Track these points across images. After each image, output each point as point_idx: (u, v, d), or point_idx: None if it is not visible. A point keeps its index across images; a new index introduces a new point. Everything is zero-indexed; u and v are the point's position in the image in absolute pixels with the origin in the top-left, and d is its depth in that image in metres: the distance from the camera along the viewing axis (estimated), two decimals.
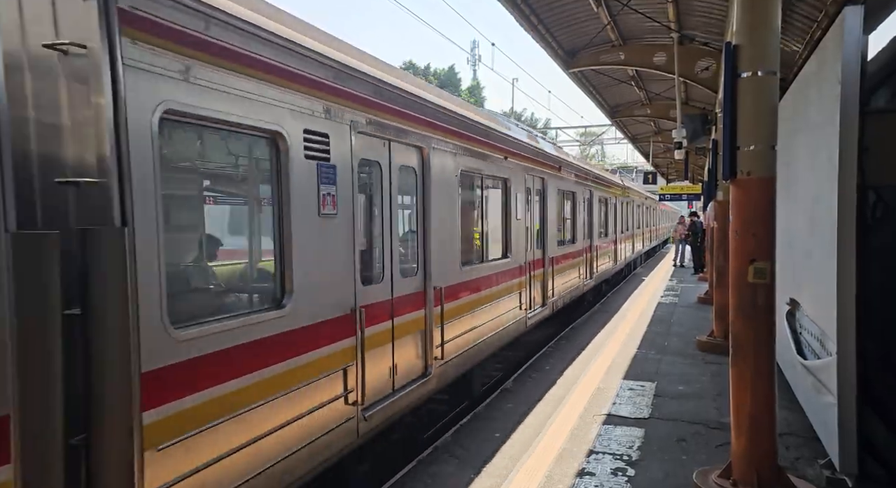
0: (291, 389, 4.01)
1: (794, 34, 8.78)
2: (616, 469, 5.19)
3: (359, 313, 4.78)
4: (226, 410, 3.45)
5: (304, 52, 4.16)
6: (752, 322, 4.55)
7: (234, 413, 3.51)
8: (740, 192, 4.62)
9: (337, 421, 4.51)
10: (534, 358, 9.59)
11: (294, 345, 4.07)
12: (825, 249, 4.79)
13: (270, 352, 3.84)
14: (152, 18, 3.05)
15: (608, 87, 15.89)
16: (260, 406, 3.72)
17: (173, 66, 3.17)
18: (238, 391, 3.55)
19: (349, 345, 4.68)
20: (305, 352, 4.18)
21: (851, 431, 4.53)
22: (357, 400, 4.73)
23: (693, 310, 13.99)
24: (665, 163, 31.58)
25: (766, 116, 4.50)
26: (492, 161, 7.92)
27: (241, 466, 3.56)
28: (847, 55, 4.45)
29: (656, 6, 10.01)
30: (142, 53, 2.99)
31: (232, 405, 3.50)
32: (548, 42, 11.60)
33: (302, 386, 4.12)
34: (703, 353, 9.51)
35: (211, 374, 3.36)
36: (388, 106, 5.29)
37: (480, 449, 5.74)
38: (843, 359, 4.50)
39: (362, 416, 4.81)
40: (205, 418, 3.30)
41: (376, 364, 5.14)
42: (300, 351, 4.13)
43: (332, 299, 4.52)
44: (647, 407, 6.80)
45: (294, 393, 4.04)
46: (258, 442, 3.70)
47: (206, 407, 3.32)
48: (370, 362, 4.98)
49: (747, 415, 4.55)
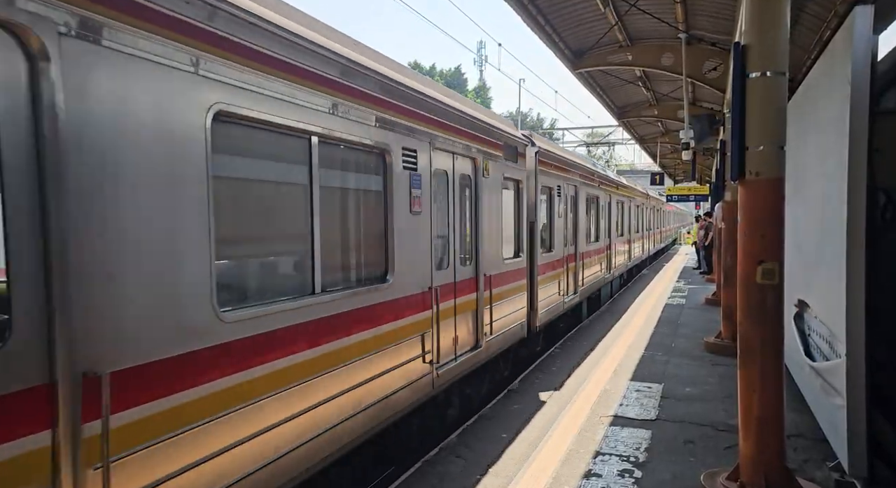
0: (392, 345, 5.21)
1: (803, 34, 8.73)
2: (623, 470, 5.17)
3: (434, 291, 6.02)
4: (363, 352, 4.78)
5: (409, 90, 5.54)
6: (761, 323, 4.53)
7: (364, 355, 4.78)
8: (749, 193, 4.60)
9: (421, 374, 5.81)
10: (540, 358, 9.57)
11: (394, 311, 5.27)
12: (834, 250, 4.77)
13: (381, 316, 5.07)
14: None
15: (615, 88, 15.85)
16: (375, 354, 4.94)
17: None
18: (363, 341, 4.80)
19: (428, 315, 5.92)
20: (402, 317, 5.43)
21: (861, 433, 4.50)
22: (433, 360, 6.00)
23: (700, 311, 13.93)
24: (672, 164, 31.47)
25: (775, 117, 4.48)
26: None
27: (368, 395, 4.85)
28: (857, 55, 4.42)
29: (664, 6, 9.98)
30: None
31: (361, 351, 4.75)
32: (555, 42, 11.58)
33: (401, 343, 5.36)
34: (711, 355, 9.47)
35: (349, 327, 4.61)
36: (454, 126, 6.57)
37: (487, 449, 5.74)
38: (852, 360, 4.47)
39: (436, 372, 6.08)
40: (352, 355, 4.63)
41: (445, 333, 6.35)
42: (398, 316, 5.35)
43: (418, 278, 5.75)
44: (655, 409, 6.78)
45: (394, 348, 5.26)
46: (381, 378, 5.01)
47: (352, 348, 4.63)
48: (442, 331, 6.22)
49: (755, 417, 4.53)
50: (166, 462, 3.00)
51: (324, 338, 4.32)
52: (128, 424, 2.80)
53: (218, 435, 3.33)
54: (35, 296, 2.45)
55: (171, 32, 3.06)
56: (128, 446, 2.80)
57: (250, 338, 3.60)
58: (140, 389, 2.87)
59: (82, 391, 2.59)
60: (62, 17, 2.55)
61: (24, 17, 2.42)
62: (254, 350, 3.63)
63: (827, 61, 5.49)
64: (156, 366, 2.96)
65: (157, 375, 2.97)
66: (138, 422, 2.85)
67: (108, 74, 2.76)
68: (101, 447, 2.63)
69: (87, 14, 2.66)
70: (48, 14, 2.50)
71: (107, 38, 2.74)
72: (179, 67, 3.12)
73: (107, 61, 2.75)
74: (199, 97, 3.25)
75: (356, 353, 4.71)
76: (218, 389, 3.34)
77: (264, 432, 3.68)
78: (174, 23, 3.07)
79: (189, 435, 3.13)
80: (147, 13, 2.93)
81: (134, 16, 2.86)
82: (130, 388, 2.82)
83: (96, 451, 2.63)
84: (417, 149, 5.68)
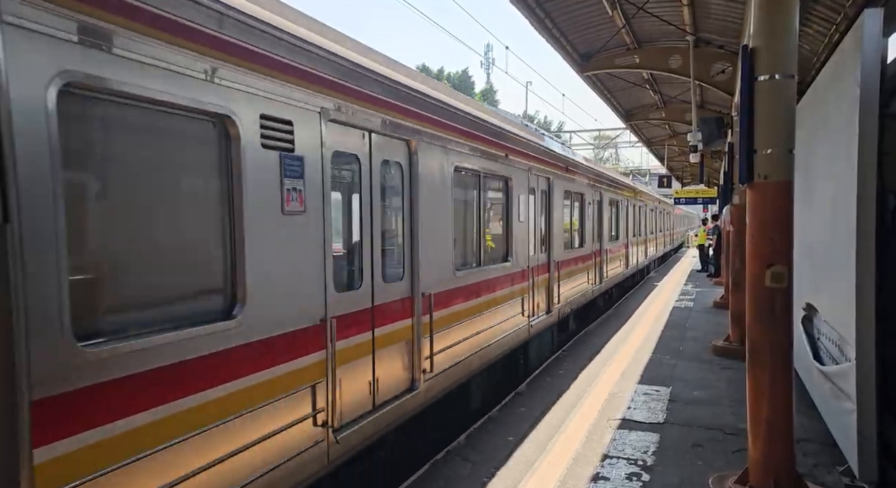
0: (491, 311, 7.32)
1: (812, 37, 8.70)
2: (631, 474, 5.16)
3: (530, 272, 8.84)
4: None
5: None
6: (769, 327, 4.51)
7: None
8: (757, 196, 4.59)
9: (519, 324, 8.05)
10: (547, 361, 9.56)
11: (468, 293, 6.78)
12: (844, 254, 4.75)
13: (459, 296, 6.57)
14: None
15: (623, 91, 15.84)
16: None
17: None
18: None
19: (527, 285, 8.58)
20: (483, 295, 7.11)
21: (871, 438, 4.48)
22: (530, 316, 8.49)
23: (709, 314, 13.87)
24: (680, 167, 31.38)
25: (784, 120, 4.47)
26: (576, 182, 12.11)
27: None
28: (866, 58, 4.41)
29: (671, 9, 9.97)
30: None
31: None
32: (562, 45, 11.59)
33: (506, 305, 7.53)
34: (719, 358, 9.43)
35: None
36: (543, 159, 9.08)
37: (494, 452, 5.73)
38: (862, 364, 4.45)
39: (529, 326, 8.57)
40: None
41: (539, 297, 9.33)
42: (483, 294, 7.10)
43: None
44: (662, 412, 6.76)
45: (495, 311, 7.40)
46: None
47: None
48: (537, 297, 9.12)
49: (764, 421, 4.51)
50: (449, 338, 6.23)
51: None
52: (438, 318, 5.87)
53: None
54: (412, 263, 5.53)
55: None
56: (437, 328, 5.85)
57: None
58: (438, 302, 5.89)
59: (422, 302, 5.61)
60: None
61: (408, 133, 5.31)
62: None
63: (836, 64, 5.47)
64: (443, 293, 6.05)
65: (444, 296, 6.07)
66: (440, 318, 5.94)
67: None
68: (430, 327, 5.71)
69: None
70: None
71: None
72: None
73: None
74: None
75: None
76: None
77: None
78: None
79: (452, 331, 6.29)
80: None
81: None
82: (435, 301, 5.82)
83: (428, 329, 5.69)
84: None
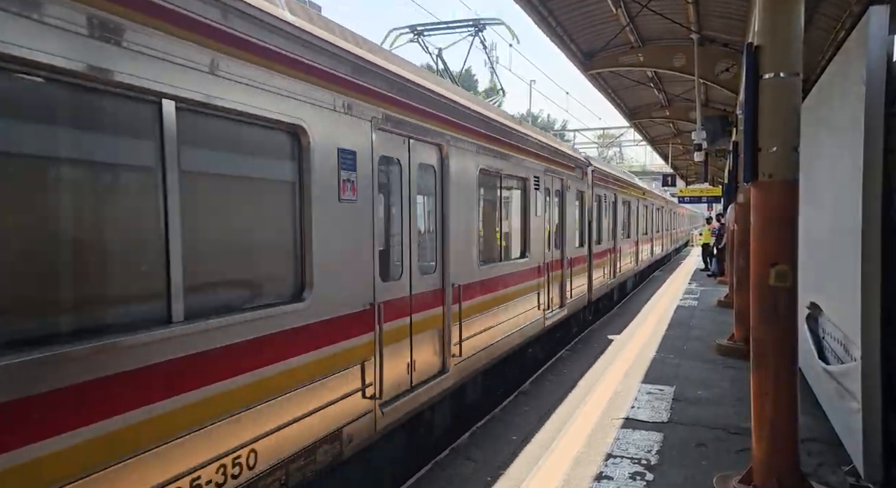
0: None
1: (817, 34, 8.66)
2: (634, 473, 5.15)
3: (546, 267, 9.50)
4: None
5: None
6: (774, 326, 4.50)
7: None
8: (762, 195, 4.57)
9: (537, 318, 8.86)
10: (551, 360, 9.55)
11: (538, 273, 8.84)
12: (849, 252, 4.72)
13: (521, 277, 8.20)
14: None
15: (627, 89, 15.80)
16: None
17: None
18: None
19: (542, 280, 9.25)
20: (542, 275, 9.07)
21: (876, 437, 4.46)
22: (544, 308, 9.29)
23: (713, 313, 13.84)
24: (684, 166, 31.30)
25: (789, 118, 4.45)
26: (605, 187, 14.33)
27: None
28: (872, 56, 4.38)
29: (676, 7, 9.94)
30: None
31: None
32: (566, 44, 11.57)
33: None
34: (723, 357, 9.41)
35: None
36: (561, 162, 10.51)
37: (497, 451, 5.73)
38: (867, 363, 4.43)
39: (545, 319, 9.36)
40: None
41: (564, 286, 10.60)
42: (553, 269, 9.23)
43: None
44: (666, 412, 6.74)
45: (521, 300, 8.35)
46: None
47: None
48: (552, 291, 9.90)
49: (768, 421, 4.50)
50: (475, 327, 6.77)
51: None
52: (465, 308, 6.45)
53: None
54: (443, 256, 6.14)
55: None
56: (465, 316, 6.47)
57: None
58: (466, 292, 6.48)
59: (452, 292, 6.16)
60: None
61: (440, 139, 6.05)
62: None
63: (841, 62, 5.45)
64: (466, 286, 6.54)
65: (471, 288, 6.64)
66: (467, 308, 6.50)
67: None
68: (458, 315, 6.29)
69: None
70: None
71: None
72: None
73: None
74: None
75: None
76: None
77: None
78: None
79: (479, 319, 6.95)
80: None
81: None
82: (465, 292, 6.42)
83: (457, 317, 6.26)
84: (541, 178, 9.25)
